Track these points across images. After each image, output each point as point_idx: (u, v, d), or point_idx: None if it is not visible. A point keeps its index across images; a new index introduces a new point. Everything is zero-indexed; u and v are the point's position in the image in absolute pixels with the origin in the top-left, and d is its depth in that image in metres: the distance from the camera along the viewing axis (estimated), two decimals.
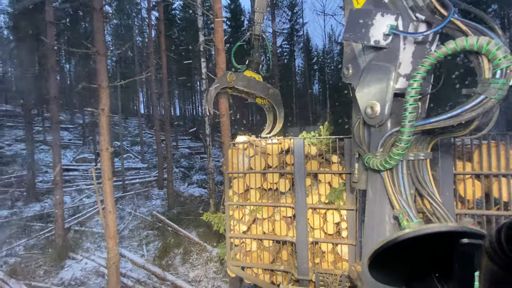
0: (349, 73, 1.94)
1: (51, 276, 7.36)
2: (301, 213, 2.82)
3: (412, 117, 1.50)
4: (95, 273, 7.69)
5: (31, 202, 11.64)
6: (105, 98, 5.53)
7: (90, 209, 11.66)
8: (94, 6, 5.46)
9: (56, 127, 8.65)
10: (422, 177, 1.77)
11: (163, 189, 15.54)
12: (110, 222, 5.55)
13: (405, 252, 0.65)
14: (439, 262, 0.64)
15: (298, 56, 32.14)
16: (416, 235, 0.61)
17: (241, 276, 3.42)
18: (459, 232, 0.60)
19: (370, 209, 1.95)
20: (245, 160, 3.32)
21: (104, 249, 8.92)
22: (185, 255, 8.73)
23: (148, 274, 7.81)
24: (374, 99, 1.72)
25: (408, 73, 1.66)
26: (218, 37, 7.00)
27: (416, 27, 1.61)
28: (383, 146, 1.78)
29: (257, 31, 3.88)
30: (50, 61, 8.11)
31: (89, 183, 14.94)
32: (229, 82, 3.69)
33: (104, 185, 5.52)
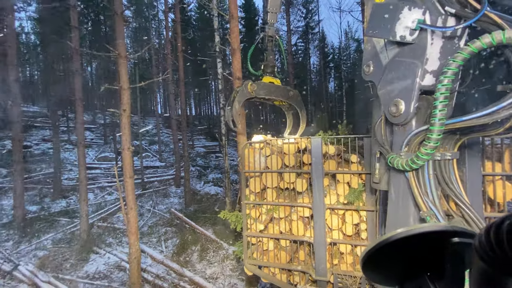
0: (370, 70, 1.88)
1: (77, 269, 7.75)
2: (318, 214, 2.77)
3: (442, 115, 1.44)
4: (117, 267, 8.01)
5: (58, 199, 12.27)
6: (126, 99, 5.74)
7: (111, 205, 12.13)
8: (116, 10, 5.67)
9: (81, 127, 9.07)
10: (448, 177, 1.70)
11: (180, 187, 15.90)
12: (132, 218, 5.76)
13: (398, 252, 0.65)
14: (431, 261, 0.65)
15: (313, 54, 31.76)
16: (408, 235, 0.61)
17: (258, 275, 3.41)
18: (450, 232, 0.60)
19: (393, 211, 1.87)
20: (262, 160, 3.32)
21: (125, 244, 9.27)
22: (202, 252, 8.90)
23: (167, 269, 8.04)
24: (399, 96, 1.66)
25: (436, 69, 1.59)
26: (234, 37, 7.06)
27: (445, 22, 1.54)
28: (408, 146, 1.71)
29: (270, 32, 3.82)
30: (75, 64, 8.53)
31: (110, 181, 15.54)
32: (250, 93, 3.62)
33: (125, 183, 5.73)
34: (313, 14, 29.18)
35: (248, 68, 4.26)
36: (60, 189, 12.69)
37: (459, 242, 0.59)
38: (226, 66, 13.02)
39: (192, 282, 7.61)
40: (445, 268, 0.62)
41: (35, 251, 8.36)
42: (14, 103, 9.05)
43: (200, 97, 39.35)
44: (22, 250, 8.42)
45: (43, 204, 11.67)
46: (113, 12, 5.65)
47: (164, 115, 35.31)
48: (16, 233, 9.17)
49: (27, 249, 8.46)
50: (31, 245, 8.65)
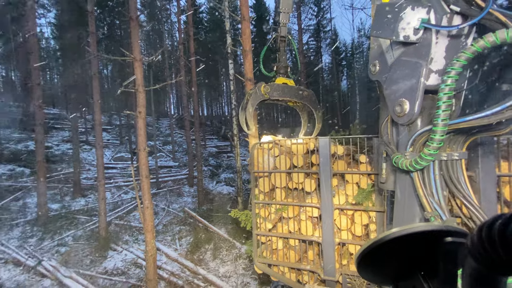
0: (376, 69, 1.87)
1: (96, 265, 8.06)
2: (327, 214, 2.79)
3: (445, 115, 1.43)
4: (134, 264, 8.28)
5: (77, 197, 12.77)
6: (142, 102, 5.92)
7: (128, 204, 12.50)
8: (131, 16, 5.87)
9: (99, 129, 9.41)
10: (456, 178, 1.66)
11: (193, 186, 16.18)
12: (148, 217, 5.94)
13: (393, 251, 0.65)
14: (425, 260, 0.65)
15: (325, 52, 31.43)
16: (402, 235, 0.62)
17: (267, 273, 3.43)
18: (444, 231, 0.61)
19: (398, 211, 1.87)
20: (271, 160, 3.34)
21: (141, 242, 9.56)
22: (215, 251, 9.04)
23: (181, 267, 8.23)
24: (403, 96, 1.65)
25: (441, 68, 1.57)
26: (245, 39, 7.13)
27: (450, 20, 1.52)
28: (412, 146, 1.71)
29: (283, 32, 3.77)
30: (93, 68, 8.87)
31: (126, 180, 16.00)
32: (264, 95, 3.60)
33: (142, 183, 5.92)
34: (325, 12, 28.86)
35: (261, 70, 4.23)
36: (80, 188, 13.20)
37: (452, 242, 0.60)
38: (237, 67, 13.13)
39: (205, 280, 7.76)
40: (438, 267, 0.63)
41: (57, 247, 8.76)
42: (37, 106, 9.50)
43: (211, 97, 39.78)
44: (45, 246, 8.84)
45: (64, 203, 12.18)
46: (128, 17, 5.84)
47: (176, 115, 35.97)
48: (40, 230, 9.63)
49: (50, 245, 8.88)
50: (53, 241, 9.07)
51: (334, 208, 2.78)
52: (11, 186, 12.80)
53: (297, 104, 4.14)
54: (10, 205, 11.50)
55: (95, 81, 9.02)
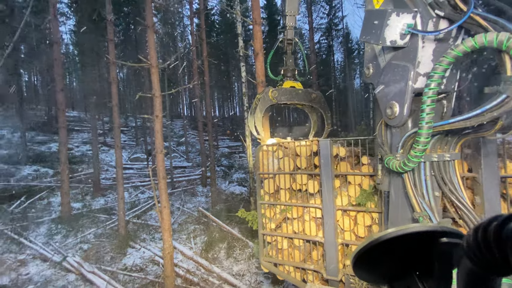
0: (369, 72, 1.91)
1: (116, 262, 8.45)
2: (328, 214, 2.80)
3: (429, 118, 1.44)
4: (151, 261, 8.61)
5: (97, 197, 13.35)
6: (158, 106, 6.20)
7: (144, 203, 12.94)
8: (147, 24, 6.14)
9: (117, 131, 9.83)
10: (449, 179, 1.66)
11: (206, 186, 16.50)
12: (165, 216, 6.21)
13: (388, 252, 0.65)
14: (420, 261, 0.66)
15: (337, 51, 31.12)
16: (397, 235, 0.62)
17: (273, 272, 3.45)
18: (439, 232, 0.62)
19: (393, 212, 1.90)
20: (275, 162, 3.39)
21: (158, 240, 9.91)
22: (229, 250, 9.25)
23: (196, 265, 8.48)
24: (394, 99, 1.68)
25: (429, 71, 1.57)
26: (257, 43, 7.28)
27: (436, 24, 1.55)
28: (403, 147, 1.73)
29: (289, 35, 3.73)
30: (111, 74, 9.30)
31: (142, 180, 16.53)
32: (272, 100, 3.59)
33: (159, 183, 6.19)
34: (336, 10, 28.57)
35: (268, 74, 4.27)
36: (99, 188, 13.78)
37: (447, 242, 0.61)
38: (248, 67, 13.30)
39: (220, 278, 7.97)
40: (433, 267, 0.64)
41: (80, 244, 9.24)
42: (61, 110, 10.03)
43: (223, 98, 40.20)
44: (69, 243, 9.34)
45: (85, 202, 12.77)
46: (145, 25, 6.11)
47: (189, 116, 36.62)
48: (64, 228, 10.17)
49: (73, 242, 9.37)
50: (76, 239, 9.56)
51: (336, 209, 2.80)
52: (37, 186, 13.54)
53: (306, 107, 4.12)
54: (36, 204, 12.19)
55: (114, 86, 9.45)
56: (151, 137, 21.41)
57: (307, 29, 21.17)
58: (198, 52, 15.37)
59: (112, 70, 9.32)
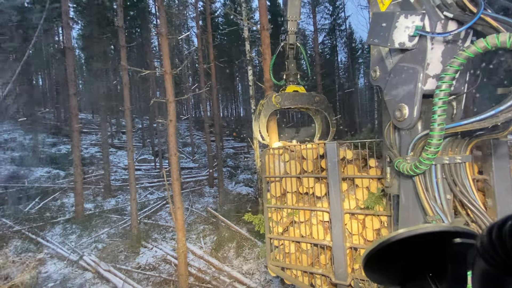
0: (376, 75, 1.91)
1: (130, 261, 8.75)
2: (336, 218, 2.79)
3: (441, 120, 1.43)
4: (163, 260, 8.90)
5: (108, 197, 13.70)
6: (172, 111, 6.46)
7: (154, 204, 13.25)
8: (161, 32, 6.41)
9: (130, 134, 10.14)
10: (461, 182, 1.64)
11: (213, 187, 16.77)
12: (179, 216, 6.47)
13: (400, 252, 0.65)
14: (433, 262, 0.65)
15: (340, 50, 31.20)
16: (410, 235, 0.61)
17: (281, 276, 3.44)
18: (452, 232, 0.61)
19: (403, 215, 1.87)
20: (281, 165, 3.37)
21: (169, 240, 10.20)
22: (238, 249, 9.50)
23: (207, 264, 8.74)
24: (403, 101, 1.67)
25: (438, 73, 1.59)
26: (265, 48, 7.51)
27: (445, 26, 1.54)
28: (413, 150, 1.71)
29: (291, 40, 3.76)
30: (124, 78, 9.61)
31: (151, 181, 16.86)
32: (275, 105, 3.61)
33: (173, 185, 6.46)
34: (339, 11, 28.68)
35: (271, 79, 4.31)
36: (110, 189, 14.13)
37: (461, 243, 0.59)
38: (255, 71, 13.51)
39: (230, 276, 8.22)
40: (447, 268, 0.62)
41: (94, 244, 9.57)
42: (74, 114, 10.37)
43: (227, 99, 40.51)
44: (84, 243, 9.67)
45: (97, 203, 13.12)
46: (159, 34, 6.37)
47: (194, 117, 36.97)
48: (78, 228, 10.51)
49: (88, 242, 9.70)
50: (91, 238, 9.89)
51: (344, 212, 2.78)
52: (50, 188, 13.94)
53: (310, 110, 4.15)
54: (50, 205, 12.56)
55: (126, 90, 9.76)
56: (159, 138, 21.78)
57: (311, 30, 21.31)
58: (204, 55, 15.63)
59: (124, 75, 9.63)
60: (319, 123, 4.25)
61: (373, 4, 1.95)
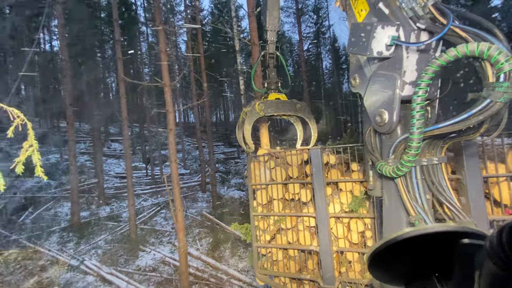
0: (356, 82, 1.99)
1: (129, 264, 9.11)
2: (322, 222, 2.83)
3: (420, 124, 1.53)
4: (162, 262, 9.31)
5: (102, 205, 13.90)
6: (172, 120, 7.01)
7: (149, 210, 13.57)
8: (161, 49, 7.00)
9: (127, 142, 10.54)
10: (438, 182, 1.75)
11: (205, 192, 17.23)
12: (179, 218, 6.98)
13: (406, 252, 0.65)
14: (439, 262, 0.64)
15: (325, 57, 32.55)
16: (416, 235, 0.61)
17: (269, 285, 3.46)
18: (459, 232, 0.60)
19: (387, 217, 1.95)
20: (267, 172, 3.38)
21: (166, 243, 10.60)
22: (233, 249, 10.04)
23: (204, 264, 9.23)
24: (382, 107, 1.77)
25: (414, 80, 1.71)
26: (255, 62, 8.22)
27: (418, 36, 1.67)
28: (394, 153, 1.80)
29: (271, 49, 3.89)
30: (121, 89, 10.06)
31: (143, 189, 17.10)
32: (259, 113, 3.74)
33: (174, 189, 6.98)
34: (323, 19, 30.03)
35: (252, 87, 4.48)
36: (104, 197, 14.33)
37: (469, 243, 0.59)
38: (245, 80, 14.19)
39: (227, 273, 8.74)
40: (454, 269, 0.61)
41: (93, 250, 9.85)
42: (70, 125, 10.68)
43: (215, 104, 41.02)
44: (82, 249, 9.93)
45: (91, 211, 13.31)
46: (158, 50, 6.97)
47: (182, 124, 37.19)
48: (75, 235, 10.73)
49: (87, 248, 9.97)
50: (89, 245, 10.16)
51: (329, 216, 2.83)
52: (42, 197, 13.98)
53: (291, 117, 4.32)
54: (43, 215, 12.66)
55: (123, 101, 10.19)
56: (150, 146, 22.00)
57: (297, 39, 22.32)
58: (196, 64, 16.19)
59: (121, 87, 10.08)
60: (300, 129, 4.38)
61: (350, 15, 2.08)
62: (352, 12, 2.05)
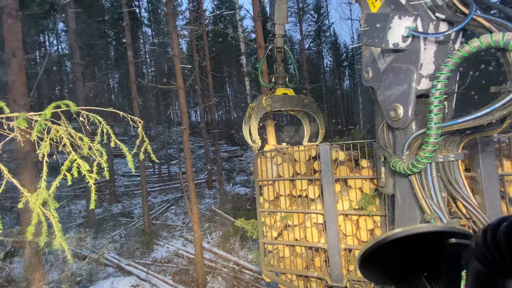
0: (369, 76, 1.92)
1: (145, 256, 9.66)
2: (331, 220, 2.79)
3: (438, 118, 1.46)
4: (175, 254, 9.85)
5: (114, 203, 14.46)
6: (185, 120, 7.51)
7: (159, 207, 14.12)
8: (174, 53, 7.48)
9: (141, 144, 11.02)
10: (454, 179, 1.66)
11: (211, 189, 17.75)
12: (194, 210, 7.50)
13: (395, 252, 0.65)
14: (428, 262, 0.65)
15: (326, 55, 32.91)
16: (405, 235, 0.62)
17: (276, 281, 3.39)
18: (447, 232, 0.61)
19: (399, 215, 1.88)
20: (274, 168, 3.32)
21: (178, 237, 11.14)
22: (242, 242, 10.56)
23: (215, 255, 9.76)
24: (397, 101, 1.69)
25: (431, 73, 1.62)
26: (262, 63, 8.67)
27: (437, 27, 1.57)
28: (408, 149, 1.72)
29: (279, 43, 3.81)
30: (133, 92, 10.56)
31: (152, 187, 17.65)
32: (266, 108, 3.61)
33: (189, 184, 7.48)
34: (324, 18, 30.35)
35: (259, 82, 4.54)
36: (115, 195, 14.90)
37: (456, 243, 0.60)
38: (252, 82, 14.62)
39: (237, 264, 9.27)
40: (442, 268, 0.63)
41: (110, 244, 10.40)
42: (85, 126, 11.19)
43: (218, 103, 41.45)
44: (99, 244, 10.48)
45: (104, 208, 13.88)
46: (172, 55, 7.45)
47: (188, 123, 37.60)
48: (92, 231, 11.27)
49: (104, 242, 10.52)
50: (105, 239, 10.71)
51: (338, 214, 2.77)
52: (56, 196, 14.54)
53: (299, 113, 4.23)
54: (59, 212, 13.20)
55: (135, 102, 10.70)
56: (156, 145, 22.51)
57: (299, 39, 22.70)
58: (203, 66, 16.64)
59: (133, 89, 10.59)
60: (307, 126, 4.32)
61: (364, 6, 1.99)
62: (366, 2, 1.97)
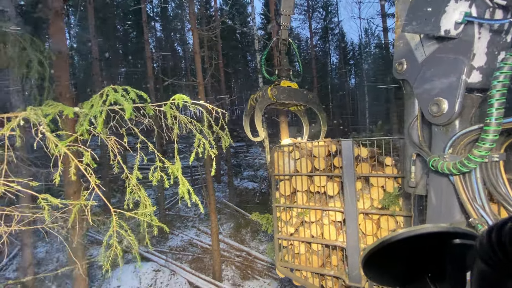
0: (403, 68, 1.78)
1: (161, 245, 10.10)
2: (351, 218, 2.70)
3: (498, 114, 1.35)
4: (189, 244, 10.28)
5: None
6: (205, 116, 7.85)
7: (171, 199, 14.55)
8: (194, 50, 7.80)
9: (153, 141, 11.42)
10: (495, 180, 1.58)
11: (220, 183, 18.16)
12: (211, 201, 7.88)
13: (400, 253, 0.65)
14: (433, 263, 0.65)
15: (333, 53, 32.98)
16: (410, 236, 0.61)
17: (290, 278, 3.34)
18: (452, 233, 0.61)
19: (433, 216, 1.76)
20: (291, 163, 3.25)
21: (190, 227, 11.56)
22: (253, 233, 10.95)
23: (228, 246, 10.16)
24: (440, 95, 1.56)
25: (483, 65, 1.50)
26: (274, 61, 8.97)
27: (492, 14, 1.44)
28: (452, 147, 1.60)
29: (284, 35, 3.69)
30: (150, 86, 10.95)
31: None
32: (271, 99, 3.48)
33: (207, 176, 7.85)
34: (332, 16, 30.39)
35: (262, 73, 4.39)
36: None
37: (461, 244, 0.59)
38: None
39: (249, 254, 9.66)
40: (447, 269, 0.62)
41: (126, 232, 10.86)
42: None
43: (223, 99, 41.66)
44: None
45: (117, 198, 14.35)
46: (194, 52, 7.78)
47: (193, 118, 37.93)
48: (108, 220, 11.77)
49: None
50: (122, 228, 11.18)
51: (358, 212, 2.68)
52: None
53: (299, 109, 4.09)
54: None
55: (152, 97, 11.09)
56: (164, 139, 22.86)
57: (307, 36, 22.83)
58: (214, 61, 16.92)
59: (150, 85, 10.97)
60: (307, 124, 4.23)
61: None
62: None
